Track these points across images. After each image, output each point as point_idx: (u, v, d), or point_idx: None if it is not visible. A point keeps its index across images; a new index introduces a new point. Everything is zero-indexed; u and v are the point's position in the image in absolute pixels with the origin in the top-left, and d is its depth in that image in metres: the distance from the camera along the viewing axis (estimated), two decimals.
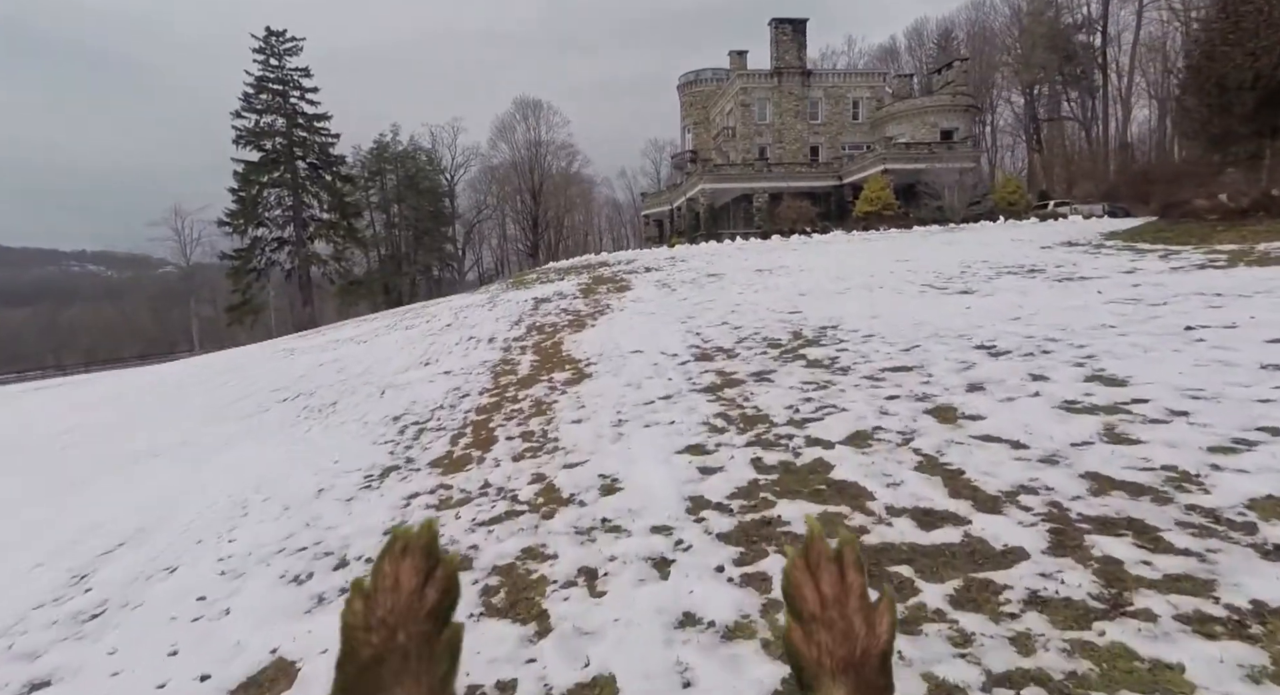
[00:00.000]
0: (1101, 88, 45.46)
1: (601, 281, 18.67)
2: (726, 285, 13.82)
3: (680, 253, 20.71)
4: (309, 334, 26.66)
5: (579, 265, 24.26)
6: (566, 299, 16.38)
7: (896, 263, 13.85)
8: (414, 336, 15.60)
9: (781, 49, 36.08)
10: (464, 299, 23.02)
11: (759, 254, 18.90)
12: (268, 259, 40.68)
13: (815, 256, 16.86)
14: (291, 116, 40.23)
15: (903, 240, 17.32)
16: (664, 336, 9.07)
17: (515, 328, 12.86)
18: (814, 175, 32.64)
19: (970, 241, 15.67)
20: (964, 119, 33.03)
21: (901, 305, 9.03)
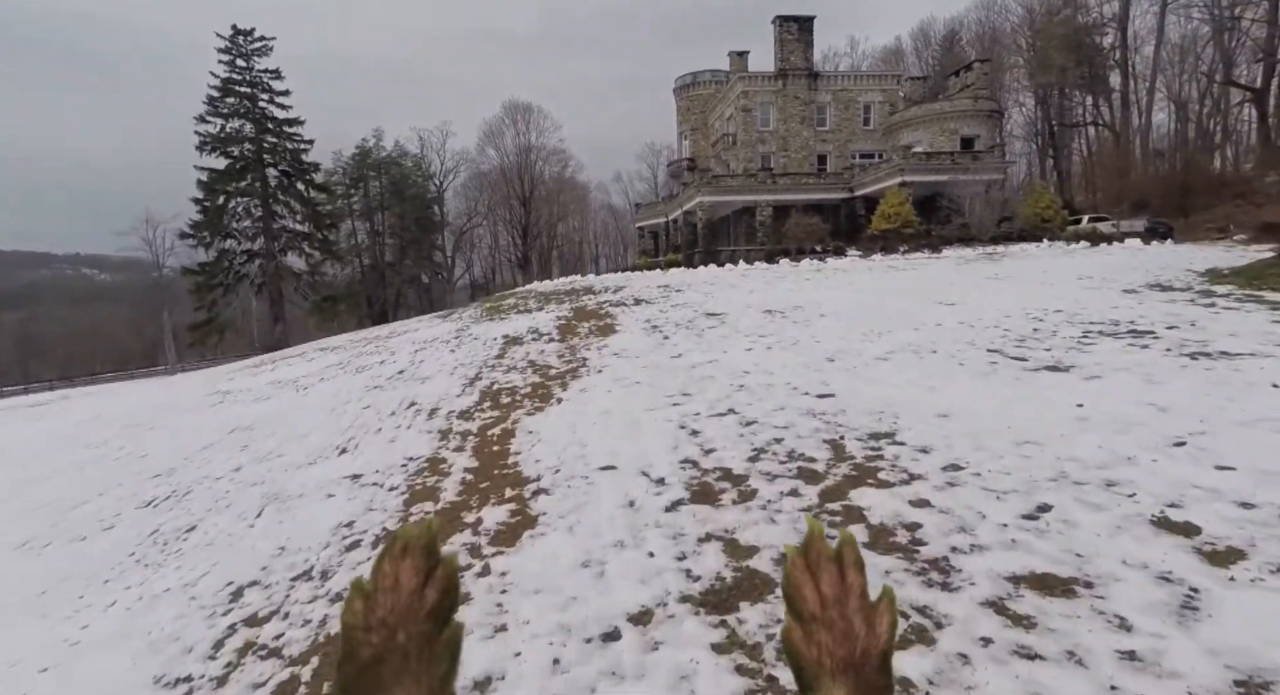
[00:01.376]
0: (1121, 91, 43.16)
1: (584, 316, 16.15)
2: (729, 335, 11.28)
3: (675, 280, 18.19)
4: (264, 363, 24.14)
5: (563, 290, 21.77)
6: (540, 341, 13.85)
7: (939, 307, 11.33)
8: (356, 388, 13.06)
9: (786, 49, 33.40)
10: (432, 329, 20.48)
11: (766, 285, 16.40)
12: (236, 273, 38.05)
13: (834, 291, 14.34)
14: (260, 121, 37.64)
15: (935, 269, 14.85)
16: (648, 436, 6.54)
17: (468, 391, 10.32)
18: (822, 187, 29.95)
19: (1022, 275, 13.15)
20: (986, 125, 30.43)
21: (977, 392, 6.52)
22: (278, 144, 38.27)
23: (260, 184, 37.63)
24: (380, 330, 26.77)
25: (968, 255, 16.66)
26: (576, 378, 9.97)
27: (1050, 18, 42.76)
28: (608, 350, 11.71)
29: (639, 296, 17.24)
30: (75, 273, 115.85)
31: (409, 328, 24.35)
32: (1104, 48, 43.83)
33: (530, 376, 10.57)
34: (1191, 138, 44.17)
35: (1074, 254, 15.59)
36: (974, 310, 10.69)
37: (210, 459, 9.83)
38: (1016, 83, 51.97)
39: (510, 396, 9.49)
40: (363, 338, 25.03)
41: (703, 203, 28.43)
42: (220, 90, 36.66)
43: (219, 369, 30.43)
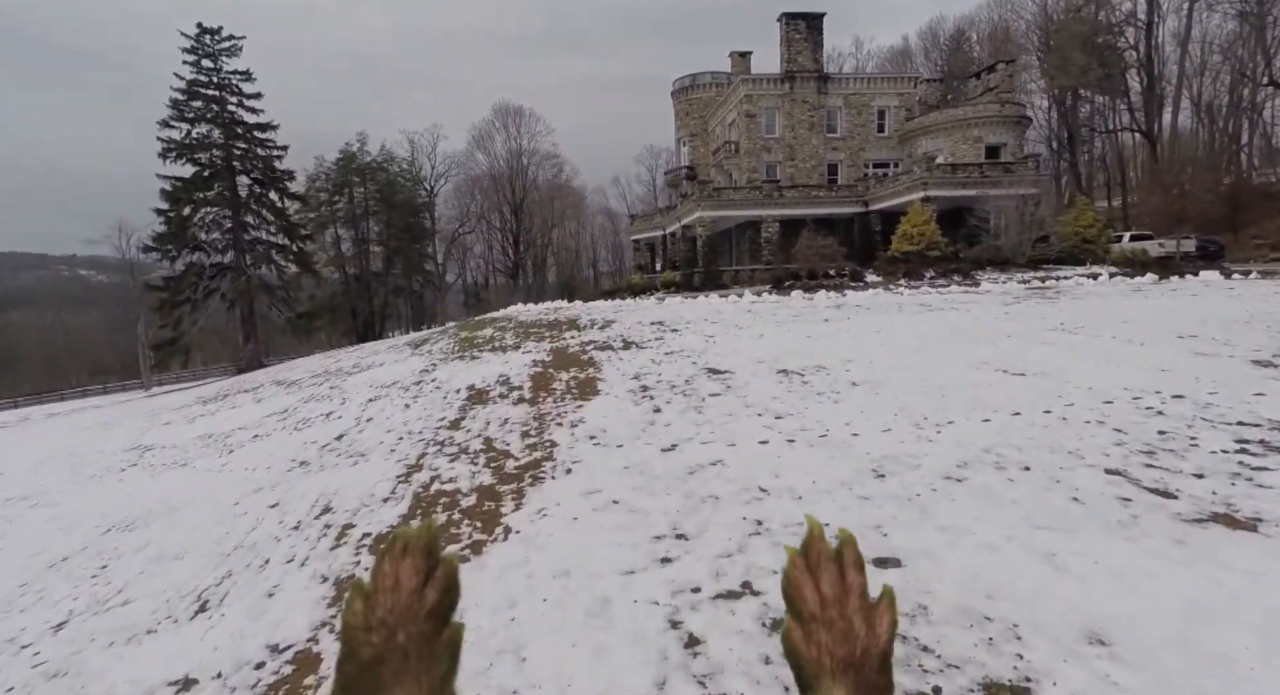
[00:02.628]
0: (1144, 94, 40.73)
1: (563, 362, 13.71)
2: (737, 413, 8.82)
3: (671, 315, 15.77)
4: (218, 397, 21.70)
5: (545, 320, 19.34)
6: (507, 400, 11.38)
7: (1005, 377, 8.87)
8: (281, 460, 10.62)
9: (794, 49, 30.65)
10: (397, 366, 18.06)
11: (778, 325, 13.96)
12: (205, 287, 35.57)
13: (861, 340, 11.88)
14: (229, 126, 35.15)
15: (979, 311, 12.42)
16: (620, 644, 4.07)
17: (399, 491, 7.86)
18: (833, 200, 27.28)
19: (1096, 325, 10.66)
20: (1013, 133, 27.80)
21: (1127, 572, 4.02)
22: (248, 150, 35.75)
23: (230, 193, 35.12)
24: (347, 358, 24.32)
25: (1014, 290, 14.24)
26: (538, 482, 7.52)
27: (1071, 14, 40.30)
28: (584, 428, 9.26)
29: (628, 337, 14.82)
30: (71, 274, 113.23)
31: (375, 359, 21.96)
32: (1123, 48, 41.43)
33: (480, 471, 8.13)
34: (1220, 144, 41.76)
35: (1146, 292, 13.15)
36: (1055, 386, 8.23)
37: (45, 591, 7.40)
38: (1031, 84, 49.56)
39: (447, 511, 7.05)
40: (324, 369, 22.65)
41: (703, 218, 25.87)
42: (185, 93, 34.10)
43: (187, 393, 28.06)
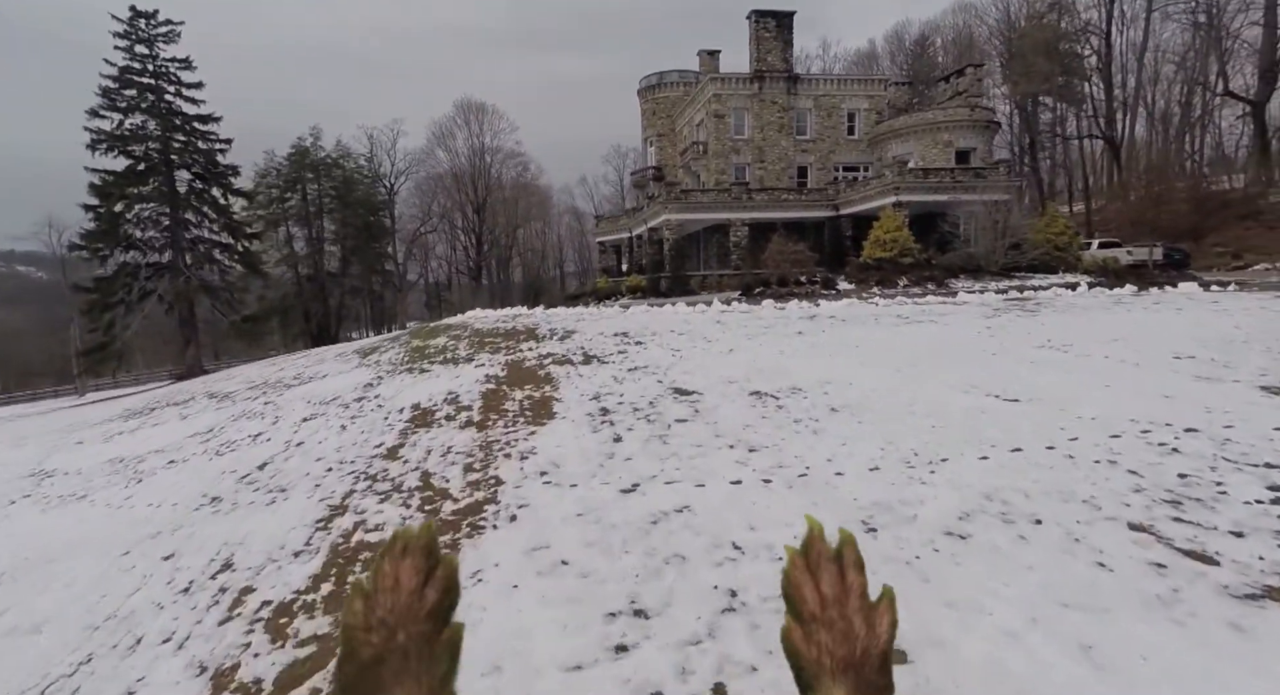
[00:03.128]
0: (1105, 102, 41.36)
1: (518, 378, 12.55)
2: (707, 445, 7.82)
3: (636, 325, 14.78)
4: (145, 411, 19.87)
5: (503, 329, 18.13)
6: (453, 423, 10.15)
7: (999, 404, 8.10)
8: (192, 495, 9.24)
9: (763, 48, 29.89)
10: (341, 378, 16.64)
11: (749, 339, 13.05)
12: (141, 289, 33.22)
13: (839, 358, 11.00)
14: (167, 117, 32.89)
15: (960, 324, 11.76)
16: None
17: (315, 543, 6.67)
18: (803, 204, 26.64)
19: (1085, 344, 9.94)
20: (983, 137, 27.55)
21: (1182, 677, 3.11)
22: (188, 143, 33.52)
23: (168, 188, 32.87)
24: (291, 367, 22.66)
25: (992, 301, 13.68)
26: (476, 533, 6.37)
27: (1035, 20, 40.65)
28: (534, 461, 8.16)
29: (590, 350, 13.73)
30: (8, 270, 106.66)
31: (320, 369, 20.43)
32: (1084, 55, 42.01)
33: (412, 516, 6.92)
34: (1173, 152, 42.67)
35: (1128, 305, 12.65)
36: (1053, 415, 7.42)
37: None
38: (994, 90, 50.06)
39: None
40: (264, 380, 21.03)
41: (669, 221, 24.96)
42: (117, 80, 31.68)
43: (117, 404, 25.93)
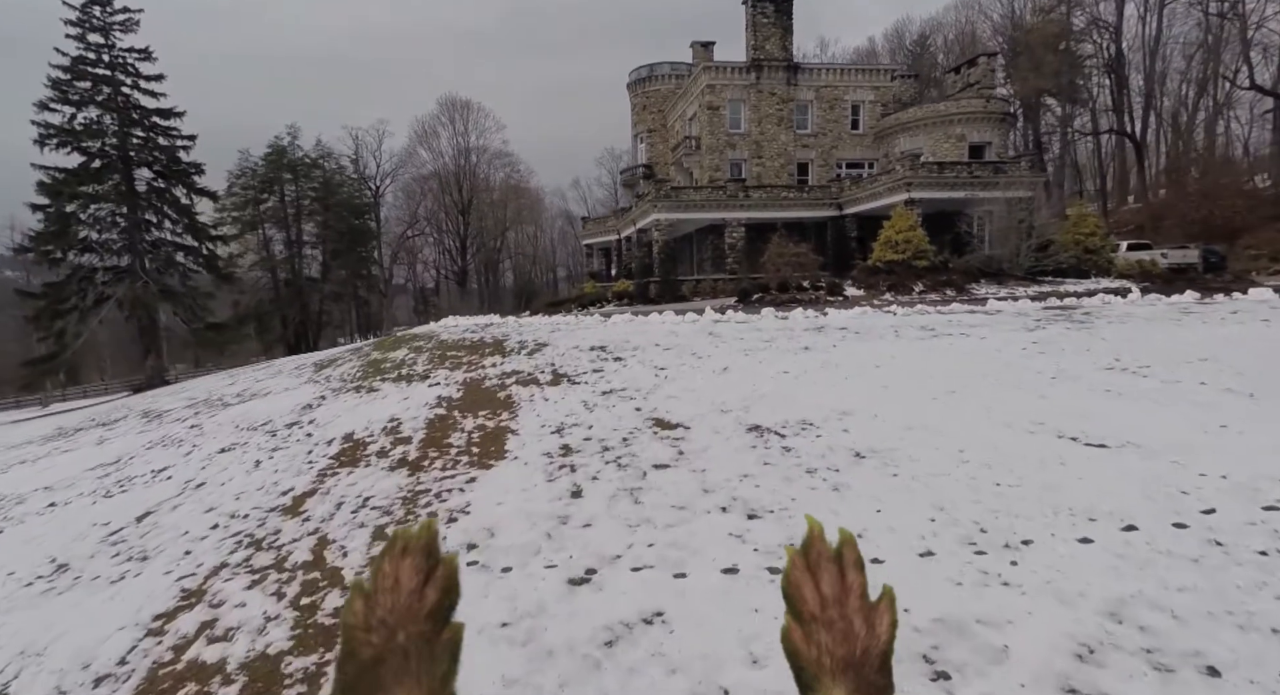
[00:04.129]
0: (1115, 98, 39.63)
1: (473, 401, 10.50)
2: (693, 503, 5.77)
3: (616, 337, 12.76)
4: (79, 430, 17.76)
5: (470, 340, 16.10)
6: (384, 461, 8.10)
7: (1081, 449, 6.04)
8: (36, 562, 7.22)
9: (761, 35, 27.70)
10: (282, 398, 14.62)
11: (746, 355, 11.02)
12: (98, 294, 31.02)
13: (855, 382, 8.96)
14: (124, 111, 30.79)
15: (997, 339, 9.78)
16: None
17: (135, 657, 4.58)
18: (805, 202, 24.52)
19: (1160, 366, 7.91)
20: (999, 131, 25.60)
21: None
22: (148, 139, 31.43)
23: (126, 188, 30.75)
24: (242, 381, 20.59)
25: (1030, 310, 11.69)
26: None
27: (1043, 15, 38.92)
28: (464, 526, 6.05)
29: (560, 367, 11.71)
30: None
31: (269, 384, 18.42)
32: (1093, 53, 40.32)
33: (280, 617, 4.94)
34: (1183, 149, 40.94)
35: (1198, 315, 10.63)
36: (1162, 469, 5.41)
37: None
38: (997, 88, 48.32)
39: None
40: (207, 396, 19.02)
41: (659, 221, 22.93)
42: (69, 71, 29.48)
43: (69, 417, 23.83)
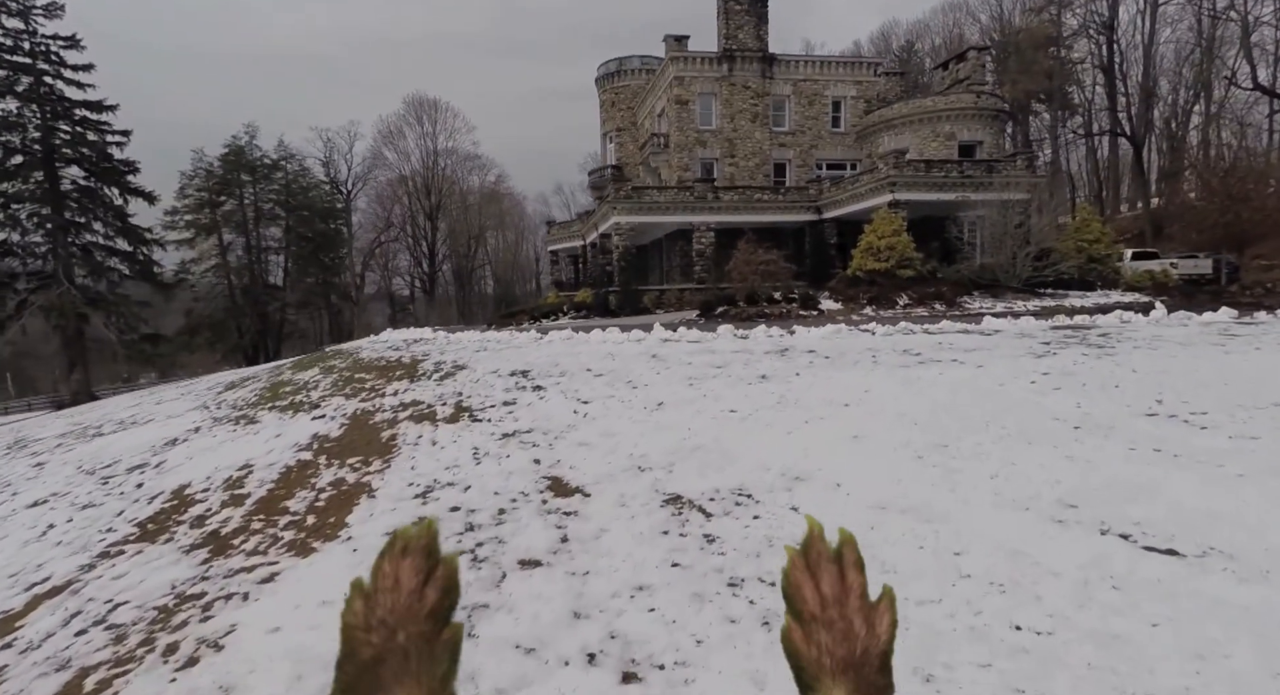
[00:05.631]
0: (1110, 98, 38.13)
1: (347, 447, 8.18)
2: (550, 636, 3.57)
3: (544, 359, 10.51)
4: None
5: (387, 360, 13.83)
6: (193, 534, 5.90)
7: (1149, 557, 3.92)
8: None
9: (733, 23, 25.59)
10: (149, 431, 12.31)
11: (689, 388, 8.72)
12: (19, 301, 28.51)
13: (821, 428, 6.67)
14: (50, 103, 28.40)
15: (999, 365, 7.64)
16: None
17: None
18: (780, 205, 22.39)
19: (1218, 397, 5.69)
20: (991, 129, 23.72)
21: None
22: (75, 134, 29.04)
23: (50, 186, 28.32)
24: (131, 408, 18.20)
25: (1034, 330, 9.61)
26: None
27: (1032, 15, 37.41)
28: (192, 684, 4.00)
29: (467, 398, 9.44)
30: None
31: (154, 410, 16.07)
32: (1084, 55, 38.88)
33: None
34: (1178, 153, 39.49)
35: (1251, 339, 8.58)
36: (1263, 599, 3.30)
37: None
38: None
39: None
40: (87, 425, 16.68)
41: (619, 225, 20.80)
42: None
43: None
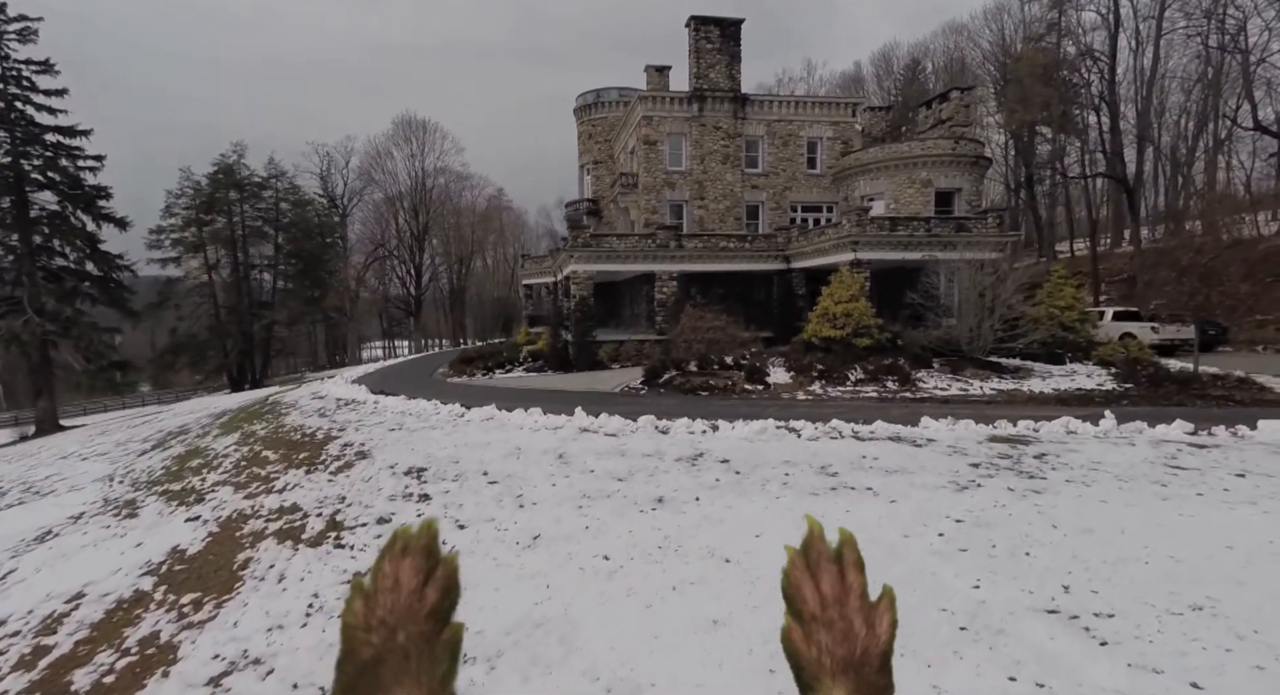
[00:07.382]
0: (1110, 136, 36.92)
1: (193, 574, 7.34)
2: None
3: (448, 451, 9.55)
4: None
5: (308, 429, 12.99)
6: None
7: None
8: None
9: (704, 63, 24.64)
10: (32, 517, 11.58)
11: (578, 514, 7.51)
12: None
13: (678, 614, 5.25)
14: (23, 128, 28.08)
15: (911, 498, 6.51)
16: None
17: None
18: (748, 254, 21.23)
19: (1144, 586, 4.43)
20: (970, 175, 22.57)
21: None
22: (48, 159, 28.70)
23: (18, 212, 27.96)
24: (48, 461, 17.37)
25: (970, 444, 8.47)
26: None
27: (1032, 42, 36.38)
28: None
29: (343, 508, 8.50)
30: None
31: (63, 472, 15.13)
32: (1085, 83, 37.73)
33: None
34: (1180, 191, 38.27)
35: (1190, 479, 7.48)
36: None
37: None
38: (988, 119, 45.77)
39: None
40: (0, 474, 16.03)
41: (578, 273, 20.00)
42: None
43: None
